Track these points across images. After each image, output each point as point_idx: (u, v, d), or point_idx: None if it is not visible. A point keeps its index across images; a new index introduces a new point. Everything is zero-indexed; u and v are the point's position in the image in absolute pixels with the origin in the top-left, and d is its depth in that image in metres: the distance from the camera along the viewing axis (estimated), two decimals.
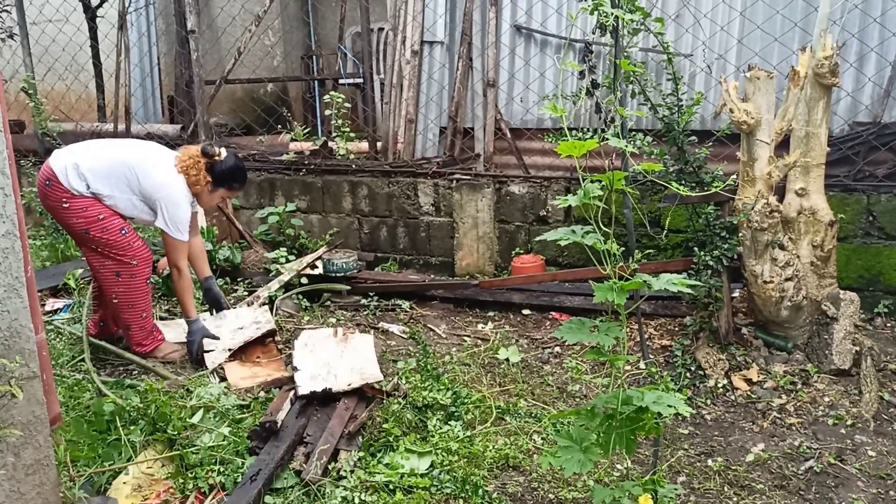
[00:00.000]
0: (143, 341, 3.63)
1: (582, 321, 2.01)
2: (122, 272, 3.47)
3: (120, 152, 3.45)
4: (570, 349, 3.92)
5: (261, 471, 2.54)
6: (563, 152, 1.90)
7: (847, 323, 3.44)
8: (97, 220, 3.36)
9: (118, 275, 3.47)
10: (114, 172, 3.37)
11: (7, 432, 1.97)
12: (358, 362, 3.37)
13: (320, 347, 3.53)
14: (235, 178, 3.61)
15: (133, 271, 3.48)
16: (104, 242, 3.39)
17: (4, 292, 1.95)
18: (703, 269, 3.60)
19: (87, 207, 3.35)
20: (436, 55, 5.49)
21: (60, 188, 3.32)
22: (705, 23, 4.77)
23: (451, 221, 5.13)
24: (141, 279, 3.52)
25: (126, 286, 3.49)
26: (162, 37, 7.39)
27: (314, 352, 3.48)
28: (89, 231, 3.36)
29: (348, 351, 3.51)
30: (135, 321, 3.58)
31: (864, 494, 2.62)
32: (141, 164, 3.41)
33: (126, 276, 3.48)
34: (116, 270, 3.46)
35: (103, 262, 3.46)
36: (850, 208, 4.17)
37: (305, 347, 3.54)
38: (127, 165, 3.39)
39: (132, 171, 3.39)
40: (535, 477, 2.72)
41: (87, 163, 3.36)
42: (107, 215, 3.38)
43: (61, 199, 3.33)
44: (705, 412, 3.24)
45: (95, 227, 3.36)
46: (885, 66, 4.40)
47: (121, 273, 3.47)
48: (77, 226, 3.36)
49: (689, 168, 3.75)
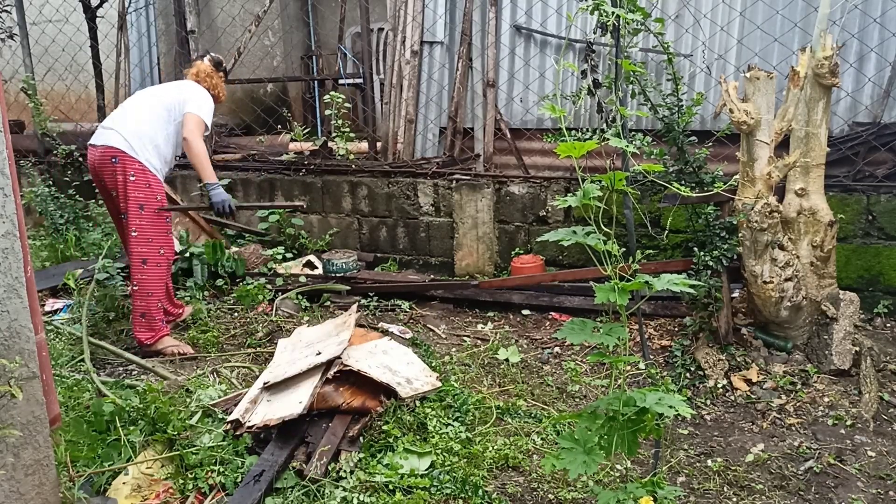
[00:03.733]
0: (149, 331, 3.75)
1: (583, 322, 2.01)
2: (149, 260, 3.68)
3: (148, 99, 3.81)
4: (569, 349, 3.92)
5: (265, 471, 2.54)
6: (562, 153, 1.89)
7: (847, 323, 3.44)
8: (156, 200, 3.66)
9: (145, 262, 3.68)
10: (155, 111, 3.72)
11: (7, 432, 1.97)
12: (399, 366, 3.27)
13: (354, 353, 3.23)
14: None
15: (158, 260, 3.71)
16: (149, 221, 3.64)
17: (4, 292, 1.95)
18: (703, 270, 3.60)
19: (151, 184, 3.65)
20: (435, 55, 5.49)
21: (129, 160, 3.59)
22: (705, 23, 4.77)
23: (451, 222, 5.13)
24: (164, 268, 3.76)
25: (150, 274, 3.69)
26: (162, 37, 7.38)
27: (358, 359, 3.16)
28: (144, 207, 3.62)
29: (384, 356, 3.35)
30: (149, 310, 3.72)
31: (863, 495, 2.61)
32: (170, 91, 3.84)
33: (152, 265, 3.69)
34: (145, 258, 3.68)
35: (134, 248, 3.66)
36: (850, 208, 4.17)
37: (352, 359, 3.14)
38: (164, 100, 3.76)
39: (172, 101, 3.76)
40: (534, 477, 2.72)
41: (137, 126, 3.66)
42: (163, 199, 3.71)
43: (129, 171, 3.60)
44: (705, 412, 3.24)
45: (151, 205, 3.64)
46: (885, 66, 4.40)
47: (147, 261, 3.68)
48: (137, 199, 3.60)
49: (689, 168, 3.75)
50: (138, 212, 3.63)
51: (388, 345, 3.42)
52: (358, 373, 2.96)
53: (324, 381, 2.92)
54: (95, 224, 5.74)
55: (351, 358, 3.08)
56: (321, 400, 2.86)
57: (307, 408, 2.76)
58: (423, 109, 5.54)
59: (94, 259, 4.96)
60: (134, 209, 3.63)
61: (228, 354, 3.80)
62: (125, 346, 3.86)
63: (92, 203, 5.76)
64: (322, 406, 2.85)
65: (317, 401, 2.84)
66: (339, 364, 2.98)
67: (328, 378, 2.93)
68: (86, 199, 5.92)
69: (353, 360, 3.05)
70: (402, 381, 3.09)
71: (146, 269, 3.69)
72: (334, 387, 2.92)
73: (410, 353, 3.44)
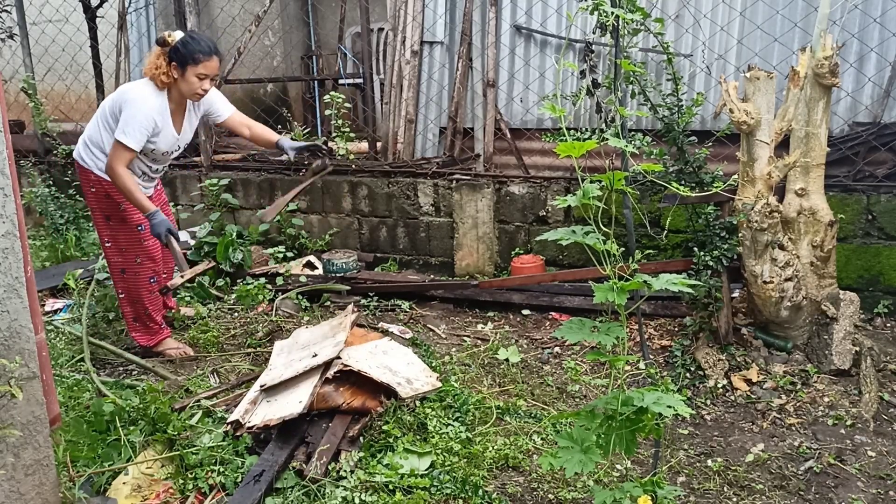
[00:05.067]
0: (145, 335, 3.74)
1: (582, 321, 2.01)
2: (127, 269, 3.61)
3: (102, 106, 3.49)
4: (569, 349, 3.92)
5: (265, 471, 2.54)
6: (561, 153, 1.89)
7: (847, 323, 3.44)
8: (118, 210, 3.51)
9: (123, 272, 3.62)
10: (102, 116, 3.41)
11: (7, 432, 1.97)
12: (399, 366, 3.27)
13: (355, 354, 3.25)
14: (192, 48, 3.27)
15: (136, 269, 3.61)
16: (119, 231, 3.54)
17: (4, 292, 1.95)
18: (703, 270, 3.60)
19: (110, 194, 3.47)
20: (436, 55, 5.49)
21: (84, 171, 3.48)
22: (705, 23, 4.77)
23: (451, 222, 5.13)
24: (144, 277, 3.63)
25: (130, 283, 3.63)
26: None
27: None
28: (110, 218, 3.53)
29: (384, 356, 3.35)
30: (139, 315, 3.70)
31: (863, 495, 2.61)
32: (115, 94, 3.44)
33: (130, 274, 3.61)
34: (122, 267, 3.61)
35: (112, 258, 3.61)
36: (850, 208, 4.17)
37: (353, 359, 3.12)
38: (106, 104, 3.44)
39: (111, 104, 3.39)
40: (534, 477, 2.72)
41: (89, 134, 3.47)
42: (128, 207, 3.49)
43: (91, 184, 3.49)
44: (705, 412, 3.24)
45: (116, 215, 3.53)
46: (885, 66, 4.39)
47: (126, 270, 3.61)
48: (100, 210, 3.52)
49: (689, 168, 3.75)
50: (106, 223, 3.55)
51: (389, 345, 3.42)
52: (358, 373, 2.96)
53: (324, 382, 2.92)
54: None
55: (351, 358, 3.07)
56: (321, 400, 2.85)
57: (307, 407, 2.76)
58: (423, 109, 5.55)
59: (94, 259, 4.96)
60: (101, 220, 3.55)
61: (228, 354, 3.80)
62: (125, 346, 3.86)
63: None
64: (322, 406, 2.85)
65: (317, 401, 2.84)
66: (339, 364, 2.98)
67: (328, 378, 2.93)
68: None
69: (354, 361, 3.05)
70: (402, 381, 3.09)
71: (126, 277, 3.61)
72: (334, 387, 2.91)
73: (411, 353, 3.44)
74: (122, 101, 3.32)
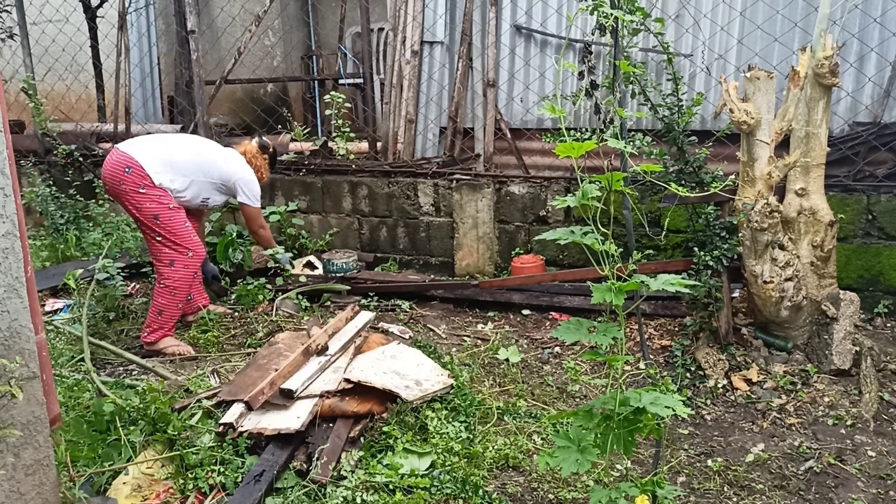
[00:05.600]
0: (159, 329, 3.82)
1: (580, 321, 2.01)
2: (176, 261, 3.79)
3: (194, 147, 4.00)
4: (569, 349, 3.92)
5: (265, 471, 2.54)
6: (561, 153, 1.90)
7: (847, 323, 3.44)
8: (168, 209, 3.74)
9: (172, 263, 3.79)
10: (195, 163, 3.89)
11: (7, 432, 1.97)
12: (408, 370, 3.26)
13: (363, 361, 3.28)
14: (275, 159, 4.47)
15: (187, 262, 3.82)
16: (168, 230, 3.73)
17: (4, 292, 1.95)
18: (703, 270, 3.60)
19: (161, 196, 3.73)
20: (436, 55, 5.49)
21: (142, 174, 3.68)
22: (705, 23, 4.77)
23: (451, 221, 5.13)
24: (192, 269, 3.86)
25: (177, 275, 3.80)
26: (162, 37, 7.39)
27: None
28: (159, 216, 3.71)
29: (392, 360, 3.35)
30: (167, 309, 3.81)
31: (863, 494, 2.61)
32: (217, 155, 4.01)
33: (179, 266, 3.80)
34: (172, 259, 3.79)
35: (161, 250, 3.77)
36: (850, 208, 4.17)
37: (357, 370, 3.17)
38: (205, 157, 3.95)
39: (211, 162, 3.95)
40: (534, 477, 2.72)
41: (172, 156, 3.82)
42: (176, 206, 3.79)
43: (141, 184, 3.68)
44: (705, 412, 3.24)
45: (166, 214, 3.73)
46: (885, 66, 4.40)
47: (175, 262, 3.79)
48: (150, 210, 3.70)
49: (689, 168, 3.75)
50: (154, 222, 3.73)
51: (397, 349, 3.42)
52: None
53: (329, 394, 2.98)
54: (95, 224, 5.74)
55: (356, 368, 3.12)
56: (328, 410, 2.90)
57: (305, 425, 2.77)
58: (423, 109, 5.55)
59: (94, 259, 4.96)
60: (148, 221, 3.73)
61: (228, 354, 3.80)
62: (125, 346, 3.86)
63: (92, 203, 5.76)
64: (329, 415, 2.89)
65: (323, 411, 2.89)
66: (342, 382, 3.02)
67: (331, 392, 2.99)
68: (86, 199, 5.92)
69: (359, 370, 3.10)
70: (410, 383, 3.09)
71: (174, 269, 3.80)
72: (340, 397, 2.96)
73: (421, 354, 3.43)
74: (234, 178, 4.02)
